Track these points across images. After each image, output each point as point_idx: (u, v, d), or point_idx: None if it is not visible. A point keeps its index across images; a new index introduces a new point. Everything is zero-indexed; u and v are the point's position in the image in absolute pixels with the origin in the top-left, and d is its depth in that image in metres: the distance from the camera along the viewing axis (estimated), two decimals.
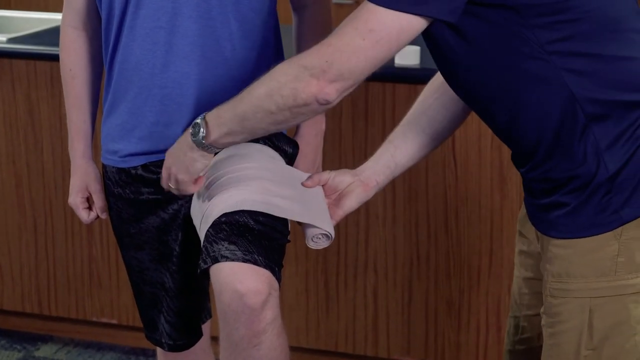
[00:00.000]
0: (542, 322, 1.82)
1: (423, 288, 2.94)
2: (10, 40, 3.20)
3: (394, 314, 2.97)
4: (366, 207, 2.92)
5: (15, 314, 3.36)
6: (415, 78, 2.76)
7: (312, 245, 1.96)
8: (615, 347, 1.74)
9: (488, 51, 1.71)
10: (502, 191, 2.83)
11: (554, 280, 1.77)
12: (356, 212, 2.90)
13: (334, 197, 2.02)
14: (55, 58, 3.05)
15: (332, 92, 1.70)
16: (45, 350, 3.33)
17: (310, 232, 1.93)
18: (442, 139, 2.04)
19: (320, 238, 1.94)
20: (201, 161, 1.91)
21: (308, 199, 1.96)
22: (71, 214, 3.17)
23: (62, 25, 2.21)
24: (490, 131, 2.81)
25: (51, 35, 3.32)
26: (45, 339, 3.39)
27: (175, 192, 1.99)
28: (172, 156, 1.96)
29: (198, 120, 1.86)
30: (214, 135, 1.84)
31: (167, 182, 1.98)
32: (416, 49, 2.82)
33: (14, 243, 3.27)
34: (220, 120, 1.83)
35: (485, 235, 2.87)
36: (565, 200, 1.74)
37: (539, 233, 1.85)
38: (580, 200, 1.72)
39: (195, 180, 1.96)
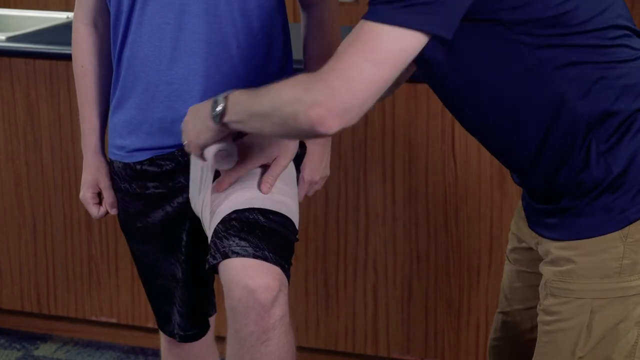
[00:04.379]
0: (539, 319, 1.83)
1: (423, 287, 2.94)
2: (10, 39, 3.19)
3: (394, 312, 2.98)
4: (366, 206, 2.92)
5: (14, 313, 3.36)
6: (415, 76, 2.75)
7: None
8: (610, 347, 1.75)
9: (481, 67, 1.70)
10: (502, 190, 2.84)
11: (555, 280, 1.77)
12: (356, 211, 2.93)
13: None
14: (54, 57, 3.09)
15: (334, 126, 1.63)
16: (44, 349, 3.33)
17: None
18: None
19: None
20: (211, 134, 1.86)
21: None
22: (70, 212, 3.17)
23: (74, 22, 2.22)
24: None
25: (50, 34, 3.32)
26: (44, 338, 3.38)
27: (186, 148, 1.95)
28: (192, 114, 1.92)
29: (220, 97, 1.82)
30: (228, 117, 1.80)
31: (185, 135, 1.95)
32: None
33: (13, 242, 3.26)
34: (236, 107, 1.79)
35: (485, 233, 2.87)
36: (570, 205, 1.74)
37: (536, 235, 1.85)
38: (586, 203, 1.73)
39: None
